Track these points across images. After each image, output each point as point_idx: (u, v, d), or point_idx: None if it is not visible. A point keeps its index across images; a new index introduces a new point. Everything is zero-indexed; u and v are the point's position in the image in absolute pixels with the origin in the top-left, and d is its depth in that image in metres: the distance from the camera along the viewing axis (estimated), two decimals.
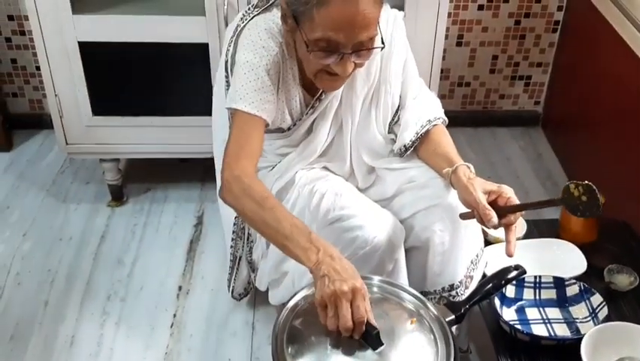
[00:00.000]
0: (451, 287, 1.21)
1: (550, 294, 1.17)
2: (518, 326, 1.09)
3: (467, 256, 1.22)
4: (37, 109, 2.25)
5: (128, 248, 1.79)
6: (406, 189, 1.23)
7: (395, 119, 1.27)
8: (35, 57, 1.96)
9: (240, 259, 1.39)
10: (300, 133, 1.25)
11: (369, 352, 0.83)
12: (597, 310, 1.13)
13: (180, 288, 1.66)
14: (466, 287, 1.21)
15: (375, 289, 0.98)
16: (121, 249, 1.78)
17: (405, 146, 1.23)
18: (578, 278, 1.19)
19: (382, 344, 0.84)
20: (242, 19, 1.17)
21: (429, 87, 1.39)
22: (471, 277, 1.22)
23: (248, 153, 1.07)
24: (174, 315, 1.58)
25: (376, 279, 1.00)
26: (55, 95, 1.73)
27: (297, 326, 0.87)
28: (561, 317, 1.15)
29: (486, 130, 2.31)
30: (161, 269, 1.72)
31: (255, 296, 1.60)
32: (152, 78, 1.75)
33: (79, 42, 1.65)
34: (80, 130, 1.78)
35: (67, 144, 1.80)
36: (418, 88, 1.29)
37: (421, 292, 1.03)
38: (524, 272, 1.02)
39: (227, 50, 1.18)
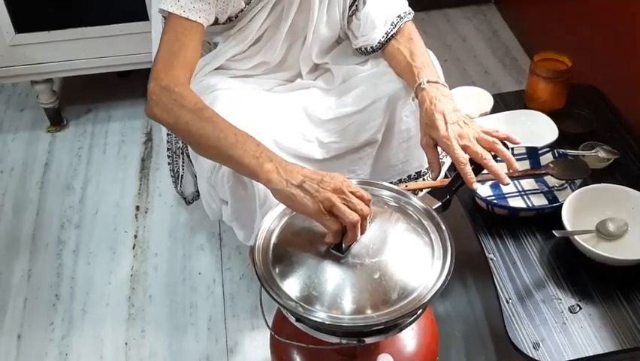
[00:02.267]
0: (418, 174, 1.16)
1: (524, 165, 1.08)
2: (495, 201, 1.04)
3: None
4: None
5: (76, 173, 1.69)
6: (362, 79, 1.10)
7: (350, 11, 1.12)
8: None
9: (182, 177, 1.26)
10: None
11: (365, 255, 0.79)
12: None
13: (138, 208, 1.60)
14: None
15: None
16: (68, 174, 1.69)
17: (372, 47, 1.10)
18: (551, 146, 1.11)
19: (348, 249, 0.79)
20: None
21: None
22: (442, 163, 1.13)
23: (181, 61, 0.93)
24: (135, 236, 1.52)
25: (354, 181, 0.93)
26: None
27: (278, 245, 0.82)
28: (536, 187, 1.09)
29: (438, 13, 2.10)
30: (114, 191, 1.64)
31: None
32: None
33: None
34: (3, 50, 1.61)
35: None
36: None
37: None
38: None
39: None
